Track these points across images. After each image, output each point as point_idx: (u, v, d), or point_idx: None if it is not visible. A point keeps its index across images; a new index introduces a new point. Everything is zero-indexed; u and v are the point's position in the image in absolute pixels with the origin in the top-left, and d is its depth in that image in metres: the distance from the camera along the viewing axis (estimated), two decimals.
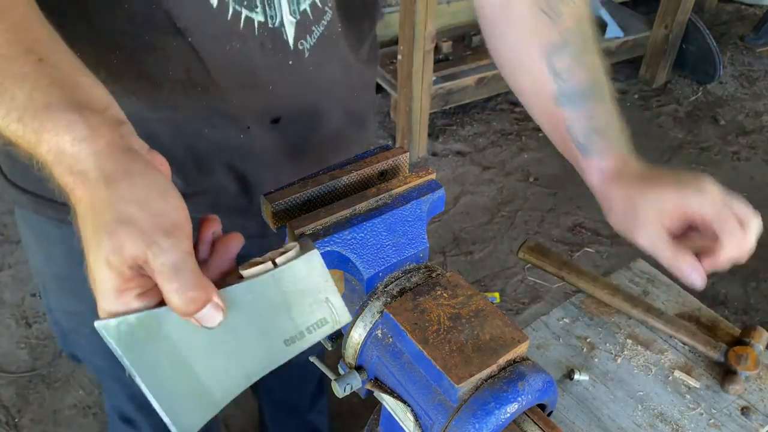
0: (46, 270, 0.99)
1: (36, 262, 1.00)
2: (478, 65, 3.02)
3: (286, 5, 0.75)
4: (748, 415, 0.94)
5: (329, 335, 0.81)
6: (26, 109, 0.49)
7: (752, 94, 3.53)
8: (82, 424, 1.99)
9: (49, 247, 0.95)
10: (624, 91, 3.53)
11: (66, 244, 0.91)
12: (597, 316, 1.07)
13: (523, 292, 2.42)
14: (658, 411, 0.94)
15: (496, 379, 0.60)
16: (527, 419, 0.62)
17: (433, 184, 0.71)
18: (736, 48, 3.89)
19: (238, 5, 0.71)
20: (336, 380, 0.67)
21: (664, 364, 1.00)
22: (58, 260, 0.95)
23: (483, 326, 0.62)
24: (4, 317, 2.26)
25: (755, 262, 2.69)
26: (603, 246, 2.60)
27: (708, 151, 3.14)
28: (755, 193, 2.91)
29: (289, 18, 0.75)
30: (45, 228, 0.92)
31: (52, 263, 0.96)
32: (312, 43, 0.79)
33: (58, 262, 0.95)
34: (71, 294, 0.98)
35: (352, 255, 0.65)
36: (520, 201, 2.81)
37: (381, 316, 0.66)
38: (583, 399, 0.96)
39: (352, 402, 2.01)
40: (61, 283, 0.99)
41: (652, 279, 1.15)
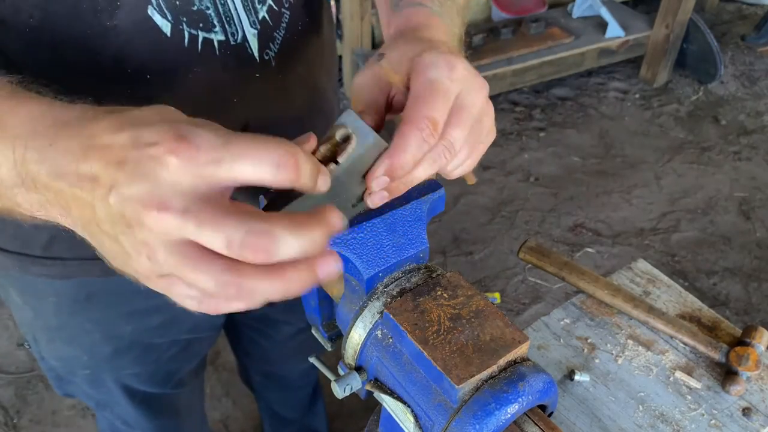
0: (36, 323, 0.96)
1: (23, 317, 0.96)
2: (478, 65, 3.02)
3: (245, 17, 0.71)
4: (750, 415, 0.93)
5: (329, 335, 0.81)
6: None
7: (753, 94, 3.53)
8: (80, 425, 1.98)
9: (37, 302, 0.91)
10: (625, 91, 3.53)
11: (56, 297, 0.89)
12: (598, 316, 1.07)
13: (524, 292, 2.42)
14: (659, 412, 0.94)
15: (496, 379, 0.60)
16: (528, 420, 0.62)
17: (433, 184, 0.71)
18: (737, 48, 3.89)
19: (194, 29, 0.67)
20: (336, 381, 0.67)
21: (665, 364, 1.00)
22: (48, 314, 0.92)
23: (483, 327, 0.62)
24: (4, 317, 2.26)
25: (756, 262, 2.70)
26: (603, 246, 2.60)
27: (709, 151, 3.14)
28: (756, 193, 2.90)
29: (250, 30, 0.72)
30: (32, 284, 0.88)
31: (41, 316, 0.93)
32: (276, 50, 0.76)
33: (48, 315, 0.92)
34: (64, 342, 0.97)
35: (351, 255, 0.65)
36: (520, 201, 2.81)
37: (381, 316, 0.65)
38: (584, 400, 0.95)
39: (351, 403, 2.01)
40: (52, 334, 0.96)
41: (653, 279, 1.14)
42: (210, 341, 1.13)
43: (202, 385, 1.30)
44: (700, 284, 2.48)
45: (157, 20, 0.64)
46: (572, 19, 3.41)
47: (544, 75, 3.23)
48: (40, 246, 0.82)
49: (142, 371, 1.04)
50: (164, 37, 0.66)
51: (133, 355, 1.00)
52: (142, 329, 0.95)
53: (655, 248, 2.60)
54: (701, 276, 2.51)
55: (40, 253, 0.83)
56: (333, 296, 0.76)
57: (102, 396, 1.09)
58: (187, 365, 1.12)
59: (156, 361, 1.03)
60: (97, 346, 0.96)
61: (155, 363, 1.04)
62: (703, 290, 2.46)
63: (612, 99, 3.46)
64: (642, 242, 2.62)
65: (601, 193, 2.86)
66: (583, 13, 3.41)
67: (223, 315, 1.05)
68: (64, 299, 0.89)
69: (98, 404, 1.13)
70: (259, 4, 0.72)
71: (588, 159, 3.05)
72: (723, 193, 2.90)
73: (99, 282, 0.87)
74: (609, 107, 3.40)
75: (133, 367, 1.02)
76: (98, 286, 0.88)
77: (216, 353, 2.20)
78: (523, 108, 3.36)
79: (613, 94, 3.50)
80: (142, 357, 1.01)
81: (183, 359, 1.09)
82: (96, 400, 1.11)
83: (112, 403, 1.11)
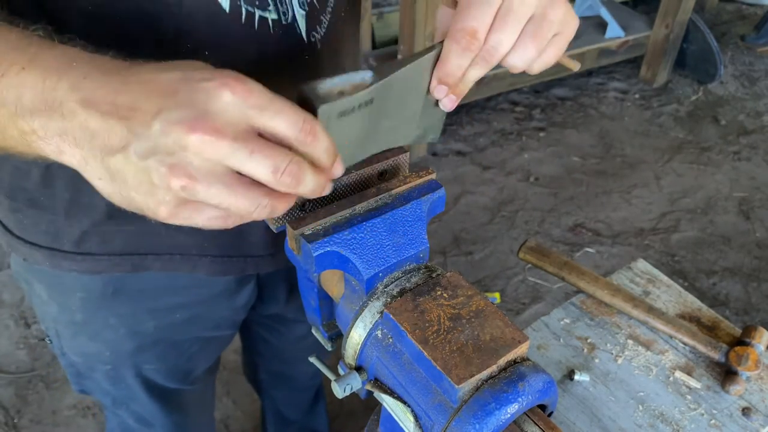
0: (60, 318, 0.97)
1: (48, 312, 0.97)
2: None
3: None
4: (749, 415, 0.93)
5: (329, 335, 0.81)
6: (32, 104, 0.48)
7: (753, 94, 3.53)
8: (81, 424, 1.98)
9: (63, 297, 0.93)
10: (625, 91, 3.53)
11: (83, 291, 0.90)
12: (597, 316, 1.07)
13: (524, 292, 2.42)
14: (659, 411, 0.94)
15: (496, 379, 0.60)
16: (528, 420, 0.62)
17: (433, 184, 0.71)
18: (737, 48, 3.89)
19: (251, 6, 0.70)
20: (336, 381, 0.67)
21: (665, 364, 1.00)
22: (74, 309, 0.93)
23: (483, 326, 0.62)
24: (4, 317, 2.26)
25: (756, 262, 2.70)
26: (603, 246, 2.60)
27: (709, 151, 3.14)
28: (756, 193, 2.91)
29: (299, 11, 0.75)
30: (60, 279, 0.90)
31: (66, 312, 0.95)
32: (323, 33, 0.79)
33: (74, 310, 0.94)
34: (88, 337, 0.98)
35: (352, 255, 0.65)
36: (520, 201, 2.81)
37: (381, 316, 0.65)
38: (584, 399, 0.95)
39: (351, 403, 2.01)
40: (76, 329, 0.97)
41: (653, 279, 1.14)
42: (229, 339, 1.15)
43: (214, 383, 1.31)
44: (700, 284, 2.48)
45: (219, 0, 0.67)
46: None
47: (544, 75, 3.23)
48: (71, 241, 0.84)
49: (162, 367, 1.05)
50: (223, 13, 0.68)
51: (156, 351, 1.01)
52: (165, 325, 0.97)
53: (654, 248, 2.60)
54: (701, 276, 2.52)
55: (71, 248, 0.84)
56: (333, 296, 0.76)
57: (119, 392, 1.09)
58: (205, 363, 1.13)
59: (177, 357, 1.04)
60: (121, 342, 0.97)
61: (176, 359, 1.05)
62: (703, 290, 2.46)
63: (612, 99, 3.46)
64: (642, 242, 2.62)
65: (601, 193, 2.87)
66: (582, 13, 3.41)
67: (243, 313, 1.06)
68: (91, 294, 0.90)
69: (114, 401, 1.13)
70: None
71: (588, 159, 3.05)
72: (723, 193, 2.90)
73: (127, 277, 0.88)
74: (609, 107, 3.40)
75: (154, 362, 1.03)
76: (126, 281, 0.89)
77: None
78: (523, 108, 3.36)
79: (613, 94, 3.50)
80: (164, 353, 1.02)
81: (202, 357, 1.10)
82: (112, 397, 1.12)
83: (129, 398, 1.11)
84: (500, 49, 0.59)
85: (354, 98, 0.54)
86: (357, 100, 0.55)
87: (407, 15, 2.62)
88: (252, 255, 0.93)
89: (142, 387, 1.07)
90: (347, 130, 0.57)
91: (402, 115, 0.64)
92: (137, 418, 1.17)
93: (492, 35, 0.58)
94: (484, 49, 0.59)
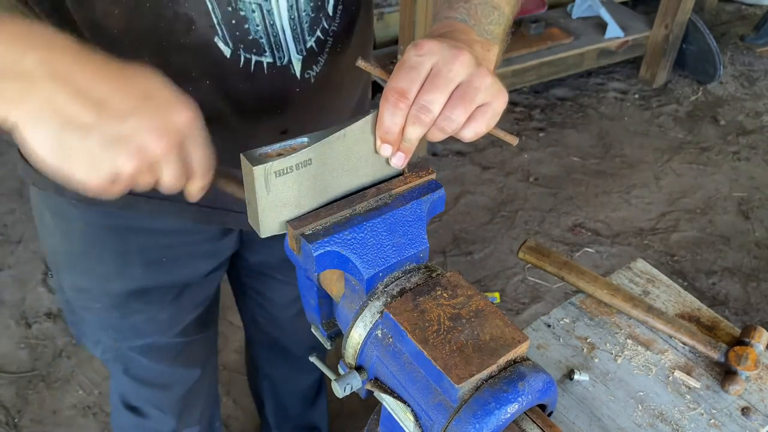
0: (62, 248, 1.05)
1: (52, 241, 1.06)
2: None
3: (292, 45, 0.81)
4: (749, 415, 0.94)
5: (328, 334, 0.81)
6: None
7: (752, 94, 3.53)
8: (81, 424, 1.99)
9: (66, 225, 1.01)
10: (624, 91, 3.53)
11: (83, 221, 0.99)
12: (597, 316, 1.07)
13: (524, 292, 2.42)
14: (659, 411, 0.94)
15: (496, 379, 0.60)
16: (527, 419, 0.62)
17: (433, 184, 0.71)
18: (737, 48, 3.89)
19: (249, 53, 0.79)
20: (336, 380, 0.67)
21: (665, 364, 1.00)
22: (74, 237, 1.02)
23: (483, 326, 0.62)
24: (4, 317, 2.26)
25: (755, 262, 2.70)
26: (603, 246, 2.60)
27: (708, 151, 3.14)
28: (755, 193, 2.91)
29: (296, 56, 0.83)
30: (64, 208, 0.98)
31: (68, 241, 1.03)
32: (317, 71, 0.86)
33: (74, 239, 1.02)
34: (83, 271, 1.05)
35: (352, 255, 0.65)
36: (520, 201, 2.81)
37: (381, 316, 0.66)
38: (584, 399, 0.96)
39: (352, 402, 2.01)
40: (74, 260, 1.05)
41: (652, 279, 1.14)
42: (214, 288, 1.20)
43: (212, 343, 1.35)
44: (699, 284, 2.48)
45: (221, 46, 0.77)
46: (572, 19, 3.42)
47: (544, 75, 3.23)
48: None
49: (148, 315, 1.11)
50: (224, 58, 0.78)
51: (143, 298, 1.08)
52: (152, 270, 1.04)
53: (654, 248, 2.60)
54: (700, 276, 2.52)
55: None
56: (333, 295, 0.76)
57: (108, 339, 1.15)
58: (192, 311, 1.17)
59: (162, 303, 1.10)
60: (110, 280, 1.05)
61: (161, 305, 1.11)
62: (702, 290, 2.46)
63: (611, 99, 3.46)
64: (641, 242, 2.63)
65: (601, 193, 2.87)
66: (582, 14, 3.41)
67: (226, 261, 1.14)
68: (89, 226, 0.99)
69: (105, 354, 1.19)
70: (309, 35, 0.83)
71: (587, 159, 3.06)
72: (722, 193, 2.90)
73: (121, 215, 0.97)
74: (608, 107, 3.40)
75: (140, 307, 1.09)
76: (120, 218, 0.98)
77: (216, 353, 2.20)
78: (522, 108, 3.36)
79: (613, 94, 3.50)
80: (150, 299, 1.09)
81: (188, 304, 1.15)
82: (103, 347, 1.17)
83: (121, 353, 1.17)
84: (431, 108, 0.63)
85: (288, 159, 0.62)
86: (292, 161, 0.63)
87: (407, 15, 2.63)
88: (233, 210, 0.99)
89: (130, 334, 1.13)
90: (290, 185, 0.64)
91: (355, 169, 0.69)
92: (132, 376, 1.22)
93: (421, 95, 0.63)
94: (415, 107, 0.63)
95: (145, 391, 1.27)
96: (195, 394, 1.34)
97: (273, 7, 0.77)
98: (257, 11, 0.77)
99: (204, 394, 1.39)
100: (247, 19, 0.77)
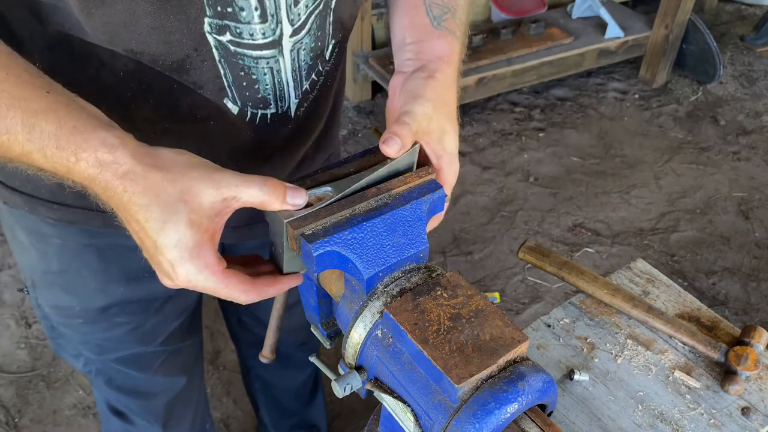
0: (38, 267, 1.02)
1: (28, 260, 1.03)
2: (478, 65, 3.02)
3: (293, 92, 0.84)
4: (749, 415, 0.94)
5: (328, 333, 0.81)
6: (59, 137, 0.59)
7: (752, 94, 3.53)
8: (81, 424, 1.99)
9: (42, 244, 0.98)
10: (624, 91, 3.53)
11: (60, 239, 0.96)
12: (597, 316, 1.07)
13: (523, 292, 2.42)
14: (659, 411, 0.94)
15: (496, 379, 0.60)
16: (527, 419, 0.62)
17: (433, 184, 0.71)
18: (737, 48, 3.89)
19: (255, 109, 0.82)
20: (336, 380, 0.67)
21: (665, 364, 1.00)
22: (51, 256, 0.99)
23: (483, 326, 0.62)
24: (4, 317, 2.26)
25: (755, 262, 2.70)
26: (603, 246, 2.60)
27: (708, 151, 3.14)
28: (755, 193, 2.91)
29: (294, 101, 0.86)
30: (38, 226, 0.95)
31: (44, 259, 1.00)
32: (306, 106, 0.89)
33: (50, 257, 0.99)
34: (61, 289, 1.03)
35: (352, 255, 0.65)
36: (520, 201, 2.81)
37: (381, 316, 0.66)
38: (584, 399, 0.96)
39: (352, 402, 2.01)
40: (52, 279, 1.02)
41: (652, 279, 1.14)
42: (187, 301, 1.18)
43: (197, 348, 1.32)
44: (699, 284, 2.48)
45: (229, 106, 0.80)
46: (572, 19, 3.42)
47: (544, 75, 3.23)
48: (48, 190, 0.90)
49: (131, 326, 1.09)
50: (231, 114, 0.81)
51: (125, 309, 1.06)
52: (134, 286, 1.02)
53: (654, 248, 2.60)
54: (700, 276, 2.52)
55: (48, 197, 0.90)
56: (332, 295, 0.76)
57: (90, 353, 1.13)
58: (175, 319, 1.16)
59: (145, 314, 1.09)
60: (91, 298, 1.02)
61: (144, 316, 1.09)
62: (702, 290, 2.46)
63: (611, 99, 3.46)
64: (641, 242, 2.63)
65: (601, 193, 2.87)
66: (582, 14, 3.41)
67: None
68: (67, 243, 0.97)
69: (87, 366, 1.17)
70: (305, 80, 0.85)
71: (587, 159, 3.06)
72: (722, 193, 2.90)
73: (101, 233, 0.95)
74: (608, 108, 3.40)
75: (122, 319, 1.07)
76: (100, 236, 0.96)
77: (216, 353, 2.20)
78: (522, 108, 3.36)
79: (613, 94, 3.50)
80: (132, 311, 1.07)
81: (172, 313, 1.14)
82: (86, 360, 1.15)
83: (104, 366, 1.15)
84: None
85: (316, 209, 0.66)
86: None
87: None
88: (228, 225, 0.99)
89: (113, 346, 1.11)
90: None
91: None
92: (115, 386, 1.20)
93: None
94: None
95: (129, 401, 1.25)
96: (181, 402, 1.32)
97: (281, 67, 0.80)
98: (268, 74, 0.79)
99: (193, 400, 1.37)
100: (258, 81, 0.79)
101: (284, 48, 0.77)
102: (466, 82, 3.01)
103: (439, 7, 0.84)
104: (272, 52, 0.76)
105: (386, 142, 0.69)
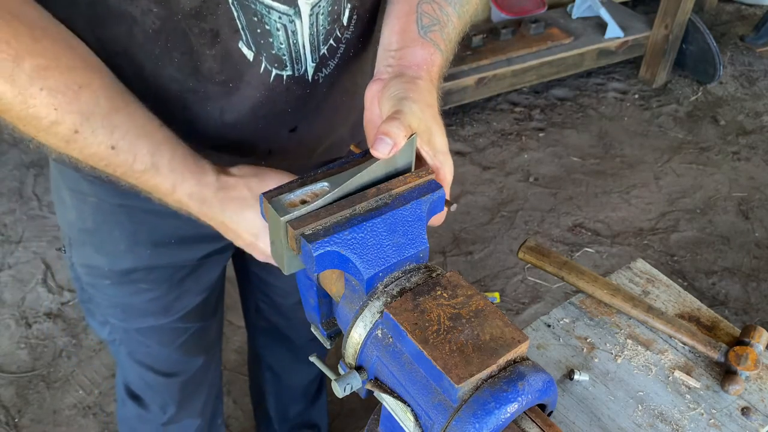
0: (75, 224, 1.08)
1: (67, 219, 1.09)
2: (478, 65, 3.02)
3: (309, 56, 0.86)
4: (749, 415, 0.94)
5: (328, 333, 0.81)
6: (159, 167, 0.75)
7: (752, 94, 3.54)
8: (81, 424, 1.99)
9: (80, 202, 1.04)
10: (624, 91, 3.53)
11: (97, 197, 1.02)
12: (597, 316, 1.07)
13: (523, 292, 2.42)
14: (658, 411, 0.94)
15: (496, 379, 0.60)
16: (527, 419, 0.62)
17: (433, 184, 0.71)
18: (737, 48, 3.89)
19: (270, 66, 0.84)
20: (336, 380, 0.67)
21: (665, 364, 1.00)
22: (87, 213, 1.05)
23: (483, 326, 0.62)
24: (4, 317, 2.26)
25: (755, 262, 2.70)
26: (603, 246, 2.60)
27: (708, 151, 3.14)
28: (755, 193, 2.91)
29: (311, 64, 0.87)
30: (79, 185, 1.02)
31: (81, 217, 1.06)
32: (327, 73, 0.90)
33: (86, 215, 1.05)
34: (93, 248, 1.09)
35: (352, 255, 0.65)
36: (520, 201, 2.81)
37: (381, 316, 0.66)
38: (583, 399, 0.96)
39: (352, 402, 2.01)
40: (85, 237, 1.09)
41: (652, 279, 1.15)
42: (220, 269, 1.22)
43: (214, 335, 1.35)
44: (699, 284, 2.48)
45: (244, 50, 0.82)
46: (572, 19, 3.42)
47: (544, 75, 3.23)
48: None
49: (153, 295, 1.14)
50: (247, 61, 0.83)
51: (149, 276, 1.11)
52: (160, 251, 1.08)
53: (654, 248, 2.60)
54: (700, 276, 2.52)
55: None
56: (332, 295, 0.76)
57: (116, 321, 1.18)
58: (196, 294, 1.19)
59: (169, 283, 1.14)
60: (119, 259, 1.08)
61: (167, 285, 1.14)
62: (702, 290, 2.46)
63: (611, 99, 3.46)
64: (641, 242, 2.63)
65: (601, 193, 2.87)
66: (582, 14, 3.41)
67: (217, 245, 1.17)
68: (101, 203, 1.03)
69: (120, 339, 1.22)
70: (323, 44, 0.87)
71: (587, 159, 3.06)
72: (722, 193, 2.90)
73: (128, 195, 0.98)
74: (608, 108, 3.40)
75: (146, 285, 1.12)
76: (131, 197, 0.99)
77: None
78: (522, 108, 3.36)
79: (613, 94, 3.50)
80: (156, 278, 1.12)
81: (193, 285, 1.18)
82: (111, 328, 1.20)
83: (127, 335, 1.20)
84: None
85: (314, 206, 0.67)
86: (317, 207, 0.67)
87: None
88: None
89: (137, 314, 1.16)
90: None
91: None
92: (137, 361, 1.25)
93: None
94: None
95: (148, 377, 1.29)
96: (197, 384, 1.35)
97: (297, 29, 0.82)
98: (282, 30, 0.81)
99: (207, 384, 1.40)
100: (271, 34, 0.81)
101: (302, 11, 0.80)
102: (466, 82, 3.01)
103: (429, 18, 0.86)
104: (286, 8, 0.79)
105: (375, 145, 0.69)
